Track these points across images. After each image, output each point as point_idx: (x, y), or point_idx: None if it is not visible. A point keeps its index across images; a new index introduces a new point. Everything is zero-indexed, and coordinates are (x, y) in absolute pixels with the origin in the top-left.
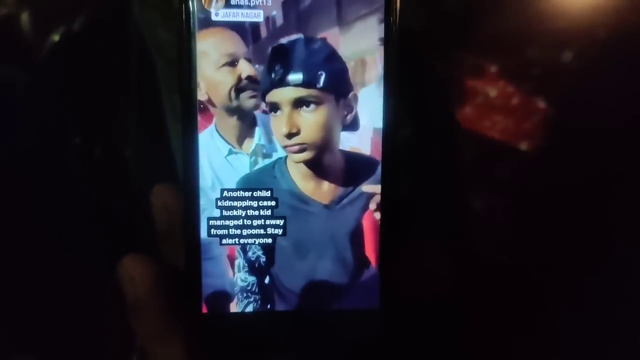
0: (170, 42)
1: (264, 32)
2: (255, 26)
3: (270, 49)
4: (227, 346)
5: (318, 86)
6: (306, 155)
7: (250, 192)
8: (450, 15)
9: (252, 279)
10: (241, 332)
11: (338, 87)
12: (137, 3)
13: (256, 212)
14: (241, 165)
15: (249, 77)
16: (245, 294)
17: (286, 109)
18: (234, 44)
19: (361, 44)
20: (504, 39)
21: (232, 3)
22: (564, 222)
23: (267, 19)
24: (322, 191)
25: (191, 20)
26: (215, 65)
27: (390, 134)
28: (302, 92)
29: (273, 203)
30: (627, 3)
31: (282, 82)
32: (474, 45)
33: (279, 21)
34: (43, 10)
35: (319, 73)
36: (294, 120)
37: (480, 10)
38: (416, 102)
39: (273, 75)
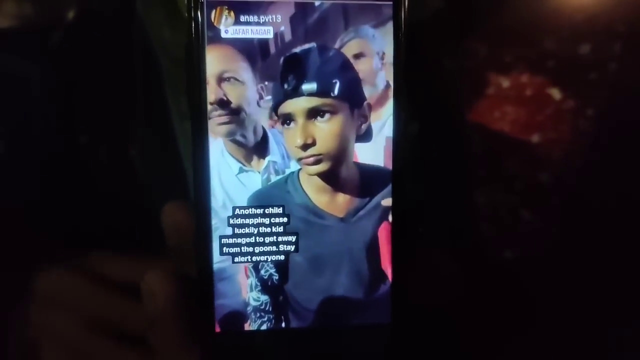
0: (175, 42)
1: (272, 49)
2: (264, 42)
3: (282, 59)
4: None
5: (332, 95)
6: (322, 167)
7: (262, 210)
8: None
9: (265, 298)
10: (255, 351)
11: (352, 96)
12: (141, 2)
13: (268, 229)
14: (252, 182)
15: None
16: (258, 314)
17: (300, 119)
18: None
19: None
20: (521, 30)
21: (241, 20)
22: (579, 219)
23: (275, 34)
24: (337, 204)
25: (200, 38)
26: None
27: (400, 142)
28: (316, 101)
29: (285, 219)
30: None
31: (295, 93)
32: (491, 36)
33: (288, 37)
34: (45, 7)
35: (333, 82)
36: (309, 130)
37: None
38: (426, 100)
39: (286, 86)
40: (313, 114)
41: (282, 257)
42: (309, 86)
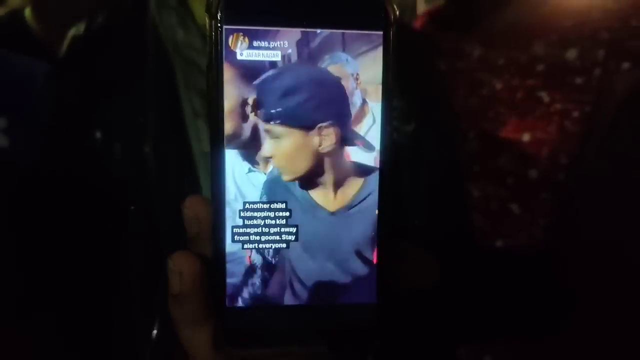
0: (187, 44)
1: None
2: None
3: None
4: (245, 336)
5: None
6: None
7: (268, 204)
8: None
9: (267, 278)
10: (257, 324)
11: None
12: (154, 5)
13: (273, 222)
14: (259, 181)
15: None
16: (260, 292)
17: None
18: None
19: (364, 76)
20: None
21: (254, 45)
22: (568, 210)
23: (283, 57)
24: (330, 200)
25: (219, 59)
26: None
27: (387, 147)
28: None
29: (287, 213)
30: (629, 7)
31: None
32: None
33: (294, 58)
34: (62, 9)
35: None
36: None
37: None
38: (419, 100)
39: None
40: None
41: (284, 245)
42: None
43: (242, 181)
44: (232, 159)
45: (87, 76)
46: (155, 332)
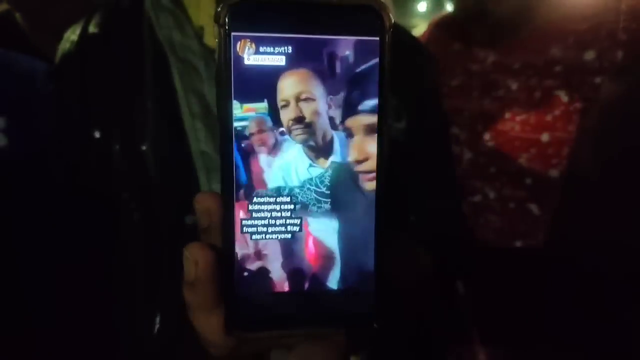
0: (184, 45)
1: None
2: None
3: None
4: (252, 320)
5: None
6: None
7: (274, 198)
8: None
9: (274, 266)
10: (264, 310)
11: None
12: (150, 8)
13: (279, 214)
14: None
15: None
16: (267, 279)
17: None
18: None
19: (360, 85)
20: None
21: (260, 50)
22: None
23: (287, 61)
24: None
25: (227, 63)
26: None
27: (383, 153)
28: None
29: (292, 207)
30: None
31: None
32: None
33: (297, 62)
34: (61, 11)
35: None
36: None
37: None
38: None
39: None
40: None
41: (289, 236)
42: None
43: (250, 177)
44: (240, 159)
45: (86, 77)
46: (157, 324)
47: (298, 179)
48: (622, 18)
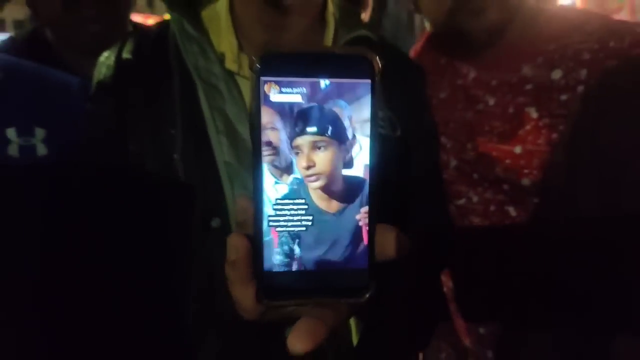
0: (208, 70)
1: (295, 110)
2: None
3: (296, 111)
4: (276, 292)
5: (327, 135)
6: (318, 183)
7: (292, 200)
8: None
9: (292, 251)
10: (285, 284)
11: (340, 136)
12: (178, 36)
13: (296, 212)
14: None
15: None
16: (287, 260)
17: (306, 150)
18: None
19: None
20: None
21: (282, 91)
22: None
23: (302, 99)
24: (332, 205)
25: (259, 100)
26: None
27: (374, 165)
28: (317, 138)
29: (306, 206)
30: (608, 33)
31: (301, 132)
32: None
33: (310, 100)
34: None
35: (327, 126)
36: (311, 157)
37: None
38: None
39: (297, 129)
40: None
41: (303, 229)
42: (312, 128)
43: (276, 187)
44: (267, 173)
45: (121, 97)
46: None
47: (307, 188)
48: (586, 39)
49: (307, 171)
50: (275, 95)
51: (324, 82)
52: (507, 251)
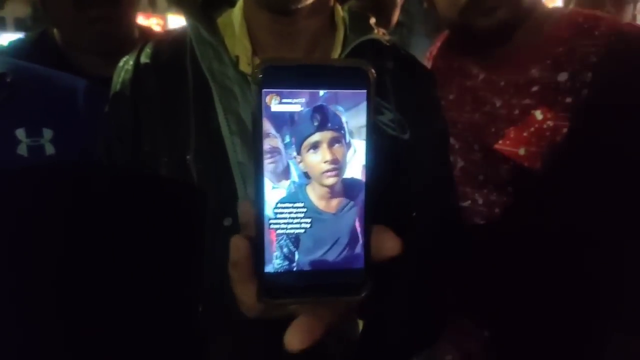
0: (222, 73)
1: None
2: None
3: (312, 108)
4: (276, 290)
5: (342, 131)
6: (336, 178)
7: (291, 203)
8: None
9: (292, 252)
10: (285, 283)
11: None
12: (194, 40)
13: (295, 215)
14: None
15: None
16: (287, 260)
17: (325, 145)
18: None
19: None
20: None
21: (283, 101)
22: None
23: (301, 109)
24: (331, 205)
25: (259, 110)
26: None
27: (370, 167)
28: (335, 134)
29: (305, 209)
30: (616, 37)
31: (321, 128)
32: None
33: (309, 109)
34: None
35: (341, 124)
36: (332, 152)
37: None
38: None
39: (315, 123)
40: (333, 142)
41: (302, 231)
42: (330, 124)
43: (274, 191)
44: (267, 179)
45: (139, 100)
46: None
47: (305, 191)
48: (594, 42)
49: (326, 166)
50: (276, 105)
51: (322, 92)
52: (512, 254)
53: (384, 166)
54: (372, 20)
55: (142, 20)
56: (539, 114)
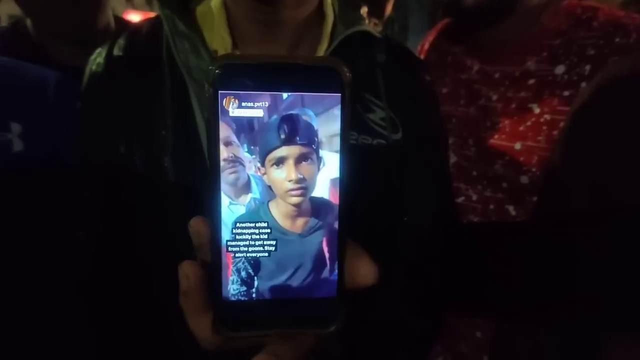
0: (198, 67)
1: (257, 124)
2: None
3: (279, 118)
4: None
5: (313, 146)
6: (302, 198)
7: (254, 223)
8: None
9: (253, 278)
10: (246, 313)
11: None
12: (168, 33)
13: (258, 237)
14: (239, 210)
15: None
16: (248, 288)
17: (291, 161)
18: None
19: (326, 130)
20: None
21: (242, 105)
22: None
23: (264, 113)
24: (297, 225)
25: (215, 114)
26: None
27: (344, 184)
28: (304, 149)
29: (269, 230)
30: (615, 28)
31: (288, 141)
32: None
33: (272, 114)
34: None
35: (313, 137)
36: (299, 169)
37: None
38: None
39: (282, 136)
40: (301, 158)
41: (266, 255)
42: (298, 138)
43: (231, 208)
44: (224, 193)
45: (111, 96)
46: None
47: (268, 209)
48: (592, 34)
49: (291, 184)
50: (235, 109)
51: (286, 95)
52: (506, 251)
53: (373, 171)
54: (364, 10)
55: (139, 18)
56: (535, 108)
